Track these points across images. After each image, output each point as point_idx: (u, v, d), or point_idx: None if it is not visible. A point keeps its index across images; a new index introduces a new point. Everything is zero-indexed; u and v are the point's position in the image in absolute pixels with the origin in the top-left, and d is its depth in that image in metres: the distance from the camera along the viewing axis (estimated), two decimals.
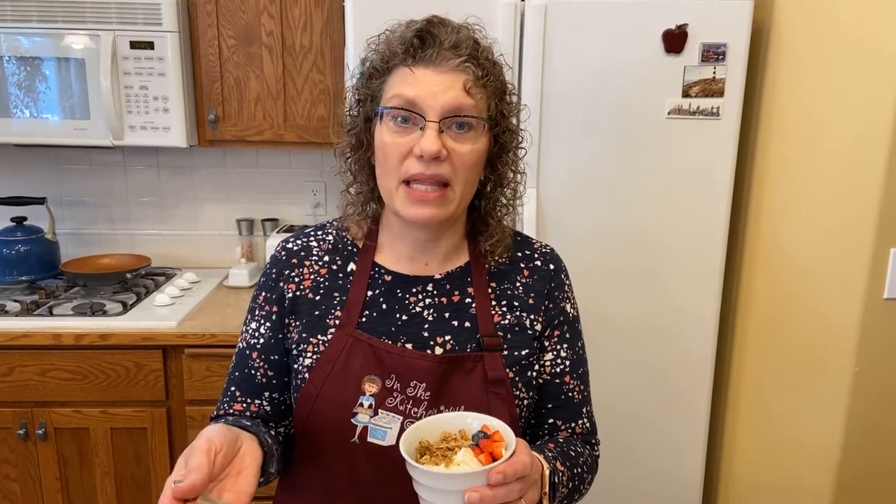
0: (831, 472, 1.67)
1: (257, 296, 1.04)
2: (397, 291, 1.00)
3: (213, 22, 2.09)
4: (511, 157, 1.01)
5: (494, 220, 1.03)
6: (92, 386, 1.93)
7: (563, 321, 1.05)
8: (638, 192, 1.81)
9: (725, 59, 1.73)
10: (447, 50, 0.90)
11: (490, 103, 0.94)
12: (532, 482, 0.80)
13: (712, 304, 1.87)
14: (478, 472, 0.73)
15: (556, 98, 1.75)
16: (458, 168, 0.91)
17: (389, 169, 0.93)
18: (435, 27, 0.92)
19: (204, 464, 0.71)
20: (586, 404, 1.07)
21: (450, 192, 0.92)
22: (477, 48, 0.93)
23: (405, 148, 0.91)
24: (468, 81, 0.90)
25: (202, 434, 0.76)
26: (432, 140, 0.88)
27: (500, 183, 1.02)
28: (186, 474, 0.69)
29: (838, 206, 1.62)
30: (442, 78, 0.90)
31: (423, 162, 0.89)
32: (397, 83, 0.92)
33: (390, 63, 0.93)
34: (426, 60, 0.91)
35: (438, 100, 0.89)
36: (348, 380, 0.94)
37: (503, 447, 0.77)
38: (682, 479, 1.98)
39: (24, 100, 2.05)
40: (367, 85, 0.96)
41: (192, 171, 2.50)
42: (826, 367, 1.67)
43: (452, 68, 0.90)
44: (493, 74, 0.94)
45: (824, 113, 1.65)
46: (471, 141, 0.92)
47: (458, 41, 0.91)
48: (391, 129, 0.92)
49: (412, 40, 0.91)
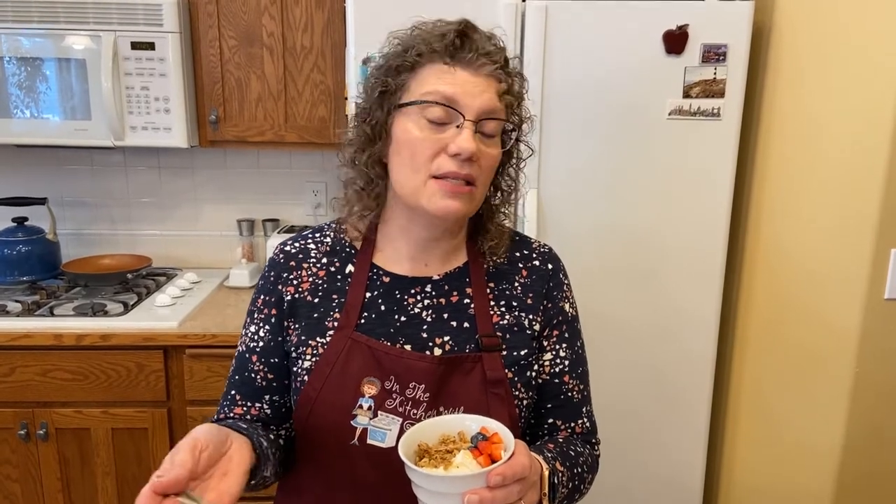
0: (832, 473, 1.67)
1: (256, 299, 1.04)
2: (396, 293, 1.00)
3: (214, 23, 2.09)
4: (514, 164, 1.04)
5: (494, 225, 1.04)
6: (93, 386, 1.93)
7: (561, 321, 1.05)
8: (638, 193, 1.81)
9: (726, 60, 1.73)
10: (483, 55, 0.92)
11: (511, 114, 0.96)
12: (531, 483, 0.80)
13: (713, 304, 1.87)
14: (477, 475, 0.73)
15: (557, 98, 1.75)
16: (483, 169, 0.93)
17: (418, 165, 0.91)
18: (472, 31, 0.93)
19: (188, 460, 0.71)
20: (586, 404, 1.07)
21: (475, 190, 0.93)
22: (506, 59, 0.95)
23: (438, 145, 0.90)
24: (500, 89, 0.93)
25: (190, 433, 0.76)
26: (471, 140, 0.89)
27: (501, 188, 1.04)
28: (169, 469, 0.70)
29: (839, 207, 1.62)
30: (480, 81, 0.91)
31: (458, 161, 0.89)
32: (433, 79, 0.91)
33: (424, 58, 0.92)
34: (465, 62, 0.91)
35: (476, 101, 0.90)
36: (347, 382, 0.94)
37: (502, 449, 0.77)
38: (682, 480, 1.97)
39: (24, 100, 2.05)
40: (394, 77, 0.94)
41: (192, 171, 2.50)
42: (827, 367, 1.66)
43: (487, 74, 0.92)
44: (518, 84, 0.97)
45: (825, 113, 1.65)
46: (495, 145, 0.95)
47: (491, 49, 0.93)
48: (422, 124, 0.91)
49: (454, 40, 0.91)
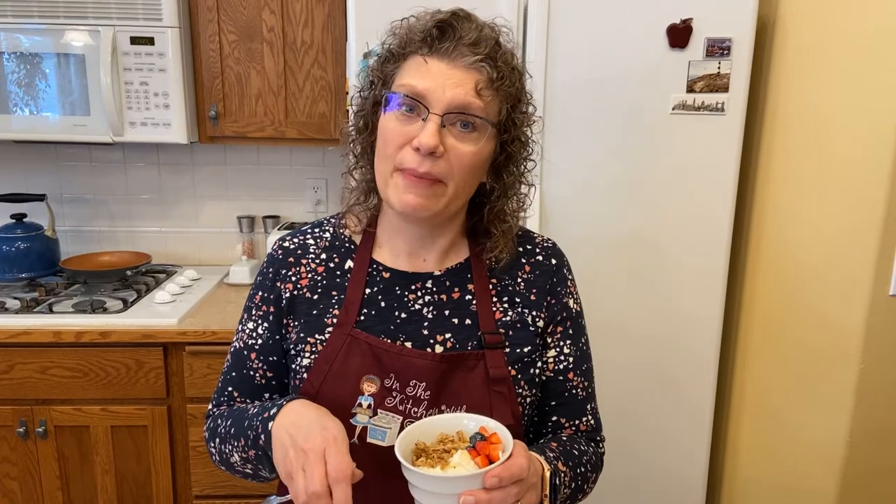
0: (836, 470, 1.66)
1: (254, 295, 1.03)
2: (396, 289, 0.99)
3: (214, 17, 2.08)
4: (518, 168, 0.99)
5: (497, 231, 0.99)
6: (92, 383, 1.92)
7: (565, 317, 1.03)
8: (641, 188, 1.80)
9: (730, 54, 1.71)
10: (465, 46, 0.88)
11: (502, 108, 0.92)
12: (530, 485, 0.79)
13: (716, 300, 1.86)
14: (473, 476, 0.72)
15: (560, 93, 1.74)
16: (454, 166, 0.89)
17: (386, 155, 0.91)
18: (458, 20, 0.90)
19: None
20: (591, 401, 1.06)
21: (441, 187, 0.90)
22: (497, 49, 0.90)
23: (405, 137, 0.89)
24: (481, 82, 0.88)
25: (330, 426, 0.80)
26: (431, 134, 0.86)
27: (505, 193, 0.99)
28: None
29: (844, 203, 1.60)
30: (454, 73, 0.88)
31: (419, 156, 0.87)
32: (409, 71, 0.90)
33: (407, 49, 0.91)
34: (441, 53, 0.89)
35: (446, 94, 0.87)
36: (346, 380, 0.93)
37: (500, 449, 0.76)
38: (685, 478, 1.96)
39: (23, 96, 2.04)
40: (382, 68, 0.94)
41: (192, 167, 2.49)
42: (831, 364, 1.65)
43: (467, 65, 0.88)
44: (508, 79, 0.91)
45: (830, 108, 1.64)
46: (473, 142, 0.90)
47: (479, 39, 0.89)
48: (396, 115, 0.90)
49: (431, 30, 0.89)
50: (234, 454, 0.94)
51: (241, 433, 0.92)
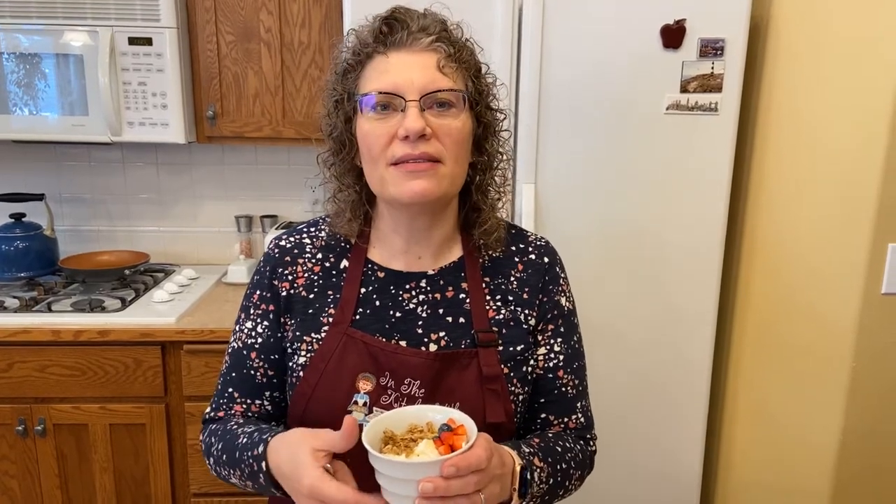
0: (829, 469, 1.67)
1: (251, 294, 1.04)
2: (391, 288, 1.00)
3: (212, 18, 2.08)
4: (498, 140, 1.02)
5: (486, 206, 1.02)
6: (91, 382, 1.93)
7: (556, 315, 1.04)
8: (636, 187, 1.81)
9: (724, 55, 1.73)
10: (416, 32, 0.92)
11: (467, 81, 0.95)
12: (493, 476, 0.79)
13: (710, 298, 1.87)
14: (433, 462, 0.74)
15: (554, 93, 1.75)
16: (446, 144, 0.91)
17: (375, 156, 0.92)
18: (401, 13, 0.94)
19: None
20: (581, 398, 1.06)
21: (441, 167, 0.91)
22: (445, 27, 0.95)
23: (388, 133, 0.90)
24: (441, 60, 0.91)
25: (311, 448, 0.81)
26: (415, 118, 0.88)
27: (490, 165, 1.01)
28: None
29: (836, 201, 1.62)
30: (416, 59, 0.91)
31: (409, 142, 0.89)
32: (372, 72, 0.93)
33: (362, 55, 0.94)
34: (398, 44, 0.92)
35: (415, 80, 0.89)
36: (342, 378, 0.94)
37: (464, 440, 0.77)
38: (679, 477, 1.97)
39: (22, 97, 2.05)
40: (343, 83, 0.97)
41: (190, 167, 2.50)
42: (824, 363, 1.66)
43: (424, 48, 0.91)
44: (465, 50, 0.95)
45: (822, 108, 1.65)
46: (453, 117, 0.92)
47: (426, 23, 0.93)
48: (371, 118, 0.92)
49: (380, 28, 0.92)
50: (233, 478, 0.96)
51: (236, 464, 0.93)
